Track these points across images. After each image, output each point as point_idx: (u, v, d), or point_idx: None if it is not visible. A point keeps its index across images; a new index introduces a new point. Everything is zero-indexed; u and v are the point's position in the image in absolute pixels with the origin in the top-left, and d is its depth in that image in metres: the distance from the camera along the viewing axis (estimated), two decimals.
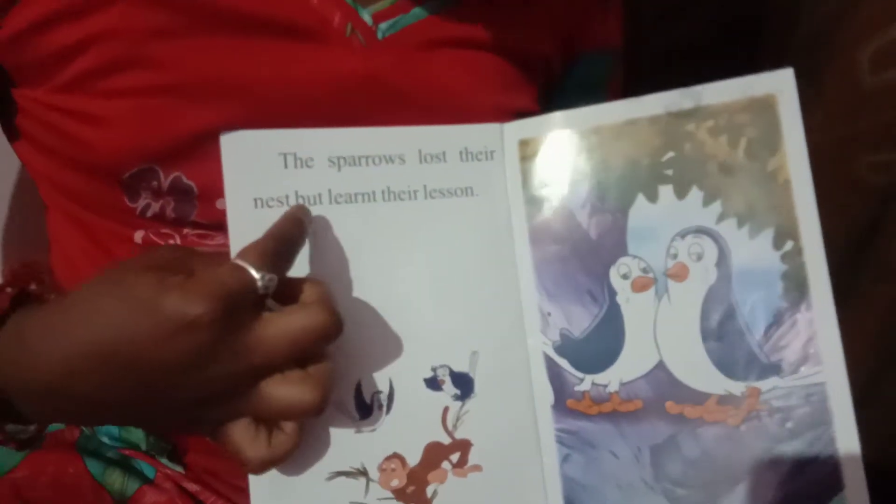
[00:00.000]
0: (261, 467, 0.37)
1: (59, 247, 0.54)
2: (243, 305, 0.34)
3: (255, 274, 0.35)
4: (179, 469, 0.52)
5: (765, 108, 0.42)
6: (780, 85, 0.41)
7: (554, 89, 0.54)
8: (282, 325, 0.35)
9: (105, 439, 0.54)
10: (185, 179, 0.45)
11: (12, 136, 0.51)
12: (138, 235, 0.48)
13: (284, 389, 0.36)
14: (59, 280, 0.55)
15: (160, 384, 0.34)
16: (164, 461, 0.53)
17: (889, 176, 0.52)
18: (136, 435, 0.53)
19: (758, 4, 0.58)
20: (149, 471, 0.52)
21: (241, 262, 0.35)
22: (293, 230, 0.39)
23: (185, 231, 0.47)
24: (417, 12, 0.46)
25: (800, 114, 0.41)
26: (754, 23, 0.58)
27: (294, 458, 0.42)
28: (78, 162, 0.45)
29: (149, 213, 0.46)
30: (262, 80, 0.43)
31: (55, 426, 0.53)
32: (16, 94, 0.46)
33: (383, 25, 0.46)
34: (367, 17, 0.45)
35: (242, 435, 0.37)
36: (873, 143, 0.54)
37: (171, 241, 0.47)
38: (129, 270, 0.35)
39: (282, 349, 0.35)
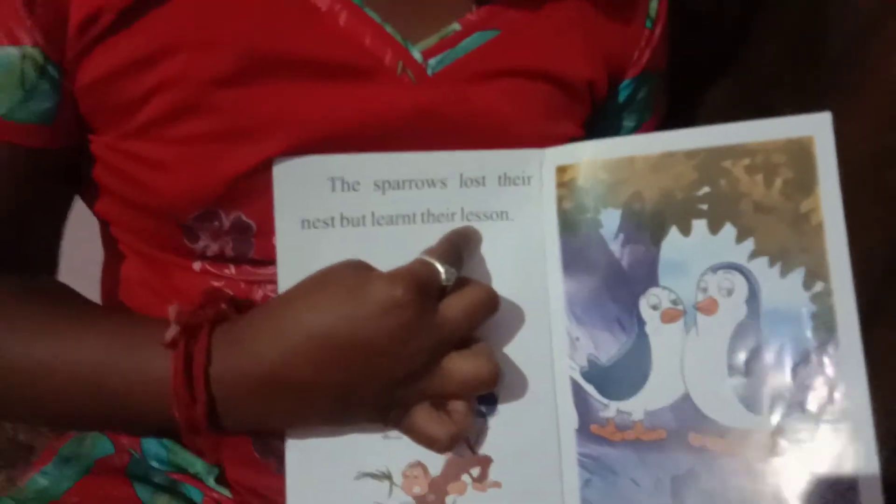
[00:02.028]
0: (451, 442, 0.42)
1: (113, 261, 0.55)
2: (432, 292, 0.41)
3: (439, 267, 0.42)
4: (226, 492, 0.54)
5: (801, 149, 0.42)
6: (818, 128, 0.42)
7: (599, 111, 0.55)
8: (459, 303, 0.42)
9: (154, 464, 0.55)
10: (244, 218, 0.46)
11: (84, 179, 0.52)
12: (196, 265, 0.49)
13: (463, 362, 0.42)
14: (107, 293, 0.57)
15: (372, 360, 0.41)
16: (212, 484, 0.54)
17: None
18: (186, 458, 0.55)
19: (784, 20, 0.59)
20: (196, 495, 0.54)
21: (427, 259, 0.42)
22: (465, 237, 0.46)
23: (242, 265, 0.49)
24: (465, 45, 0.48)
25: (835, 157, 0.42)
26: (782, 38, 0.58)
27: (327, 456, 0.44)
28: (141, 204, 0.47)
29: (208, 253, 0.48)
30: (317, 120, 0.45)
31: (104, 451, 0.55)
32: (86, 138, 0.48)
33: (432, 61, 0.47)
34: (416, 54, 0.47)
35: (427, 417, 0.42)
36: None
37: (227, 271, 0.49)
38: (333, 270, 0.43)
39: (462, 322, 0.42)
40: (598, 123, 0.55)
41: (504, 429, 0.46)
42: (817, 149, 0.42)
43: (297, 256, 0.45)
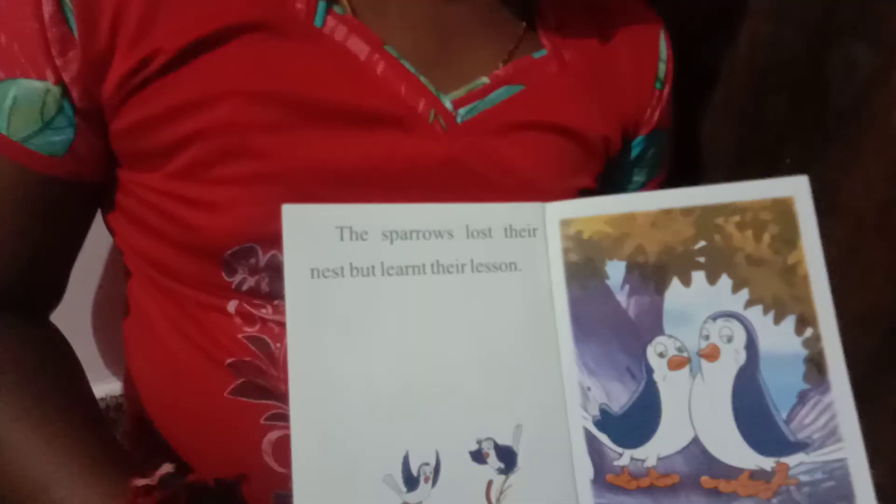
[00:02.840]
0: None
1: (139, 312, 0.53)
2: None
3: None
4: None
5: (784, 208, 0.47)
6: (796, 189, 0.47)
7: (612, 167, 0.58)
8: None
9: None
10: (280, 257, 0.46)
11: (106, 208, 0.52)
12: (231, 305, 0.48)
13: None
14: (130, 343, 0.55)
15: None
16: None
17: None
18: None
19: (786, 74, 0.61)
20: None
21: None
22: None
23: (276, 301, 0.48)
24: (492, 98, 0.50)
25: (814, 215, 0.46)
26: (785, 91, 0.62)
27: None
28: (181, 242, 0.47)
29: (244, 288, 0.47)
30: (353, 165, 0.46)
31: None
32: (121, 175, 0.48)
33: (462, 111, 0.49)
34: (447, 103, 0.49)
35: None
36: None
37: (264, 311, 0.48)
38: None
39: None
40: (611, 178, 0.58)
41: (524, 484, 0.45)
42: (798, 207, 0.47)
43: (307, 306, 0.43)
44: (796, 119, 0.61)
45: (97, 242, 0.57)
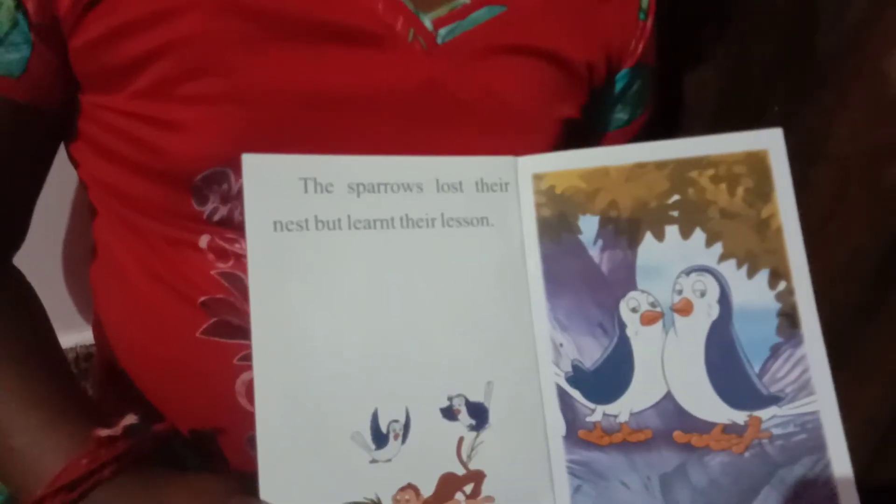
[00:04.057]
0: None
1: (106, 253, 0.51)
2: None
3: None
4: None
5: (758, 161, 0.46)
6: (771, 142, 0.46)
7: (596, 101, 0.57)
8: None
9: None
10: None
11: (68, 138, 0.50)
12: (203, 240, 0.47)
13: None
14: (99, 288, 0.54)
15: None
16: None
17: None
18: None
19: (775, 19, 0.60)
20: None
21: None
22: None
23: None
24: (473, 18, 0.49)
25: (788, 168, 0.46)
26: (773, 36, 0.60)
27: (309, 491, 0.40)
28: (149, 168, 0.45)
29: (216, 217, 0.46)
30: (329, 85, 0.44)
31: None
32: (84, 99, 0.46)
33: (442, 31, 0.48)
34: (427, 22, 0.47)
35: None
36: None
37: (237, 246, 0.46)
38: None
39: None
40: (595, 114, 0.57)
41: (496, 441, 0.44)
42: (772, 160, 0.46)
43: (270, 259, 0.42)
44: (784, 64, 0.59)
45: (68, 184, 0.56)
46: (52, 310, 0.52)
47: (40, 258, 0.55)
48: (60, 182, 0.53)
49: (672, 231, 0.46)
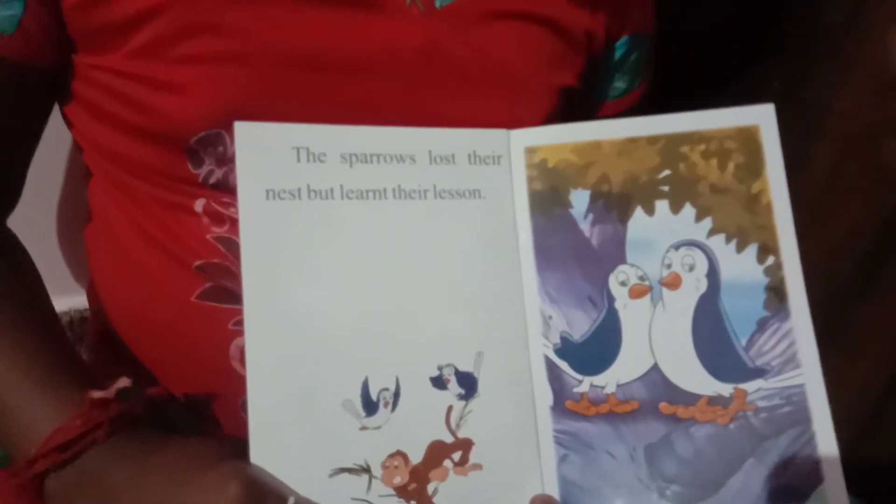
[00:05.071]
0: None
1: (101, 216, 0.51)
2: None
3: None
4: None
5: (749, 137, 0.46)
6: (763, 117, 0.46)
7: (595, 69, 0.57)
8: None
9: None
10: None
11: (63, 100, 0.50)
12: (199, 204, 0.47)
13: None
14: (93, 251, 0.54)
15: None
16: None
17: None
18: None
19: None
20: None
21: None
22: None
23: None
24: None
25: (779, 143, 0.46)
26: (779, 10, 0.59)
27: (299, 456, 0.41)
28: (144, 129, 0.45)
29: (211, 181, 0.46)
30: (326, 47, 0.44)
31: None
32: (78, 60, 0.46)
33: None
34: None
35: None
36: None
37: (233, 210, 0.46)
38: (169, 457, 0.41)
39: None
40: (592, 82, 0.57)
41: (484, 410, 0.45)
42: (763, 136, 0.46)
43: (262, 227, 0.42)
44: (786, 40, 0.59)
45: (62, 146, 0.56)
46: (46, 274, 0.52)
47: (34, 221, 0.55)
48: (55, 144, 0.53)
49: (662, 205, 0.47)
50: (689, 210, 0.46)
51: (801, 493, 0.43)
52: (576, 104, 0.55)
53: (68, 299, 0.71)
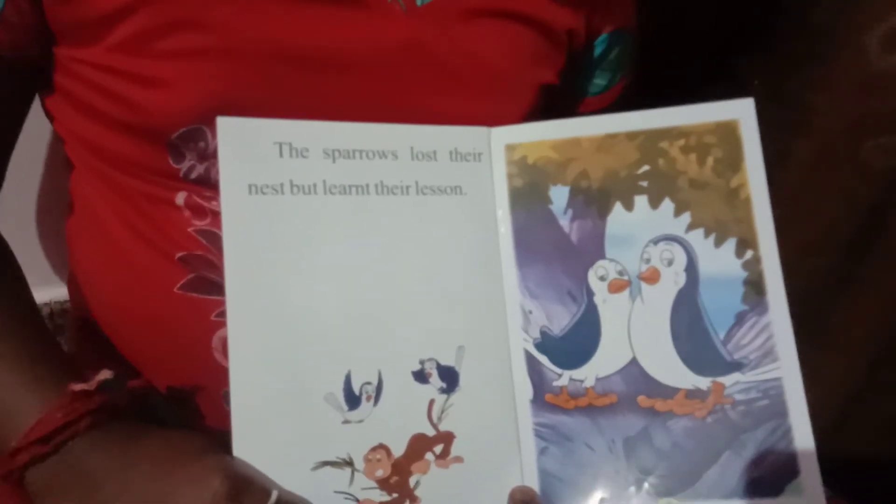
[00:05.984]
0: None
1: (83, 207, 0.52)
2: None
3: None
4: None
5: (729, 131, 0.47)
6: (743, 112, 0.47)
7: (575, 65, 0.57)
8: None
9: None
10: None
11: (45, 92, 0.50)
12: (180, 197, 0.47)
13: None
14: (75, 242, 0.54)
15: None
16: None
17: (895, 159, 0.54)
18: None
19: None
20: None
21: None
22: None
23: None
24: None
25: (759, 138, 0.46)
26: (761, 12, 0.60)
27: (281, 450, 0.42)
28: (125, 123, 0.45)
29: (193, 175, 0.46)
30: (308, 43, 0.45)
31: None
32: (59, 52, 0.46)
33: None
34: None
35: None
36: (880, 126, 0.56)
37: (214, 203, 0.47)
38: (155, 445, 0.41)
39: None
40: (573, 78, 0.57)
41: (466, 404, 0.46)
42: (742, 131, 0.46)
43: (244, 222, 0.43)
44: (771, 33, 0.59)
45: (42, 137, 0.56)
46: (26, 265, 0.52)
47: (14, 212, 0.55)
48: (34, 135, 0.53)
49: (641, 201, 0.47)
50: (668, 205, 0.47)
51: (778, 485, 0.44)
52: (556, 101, 0.55)
53: (48, 291, 0.71)
